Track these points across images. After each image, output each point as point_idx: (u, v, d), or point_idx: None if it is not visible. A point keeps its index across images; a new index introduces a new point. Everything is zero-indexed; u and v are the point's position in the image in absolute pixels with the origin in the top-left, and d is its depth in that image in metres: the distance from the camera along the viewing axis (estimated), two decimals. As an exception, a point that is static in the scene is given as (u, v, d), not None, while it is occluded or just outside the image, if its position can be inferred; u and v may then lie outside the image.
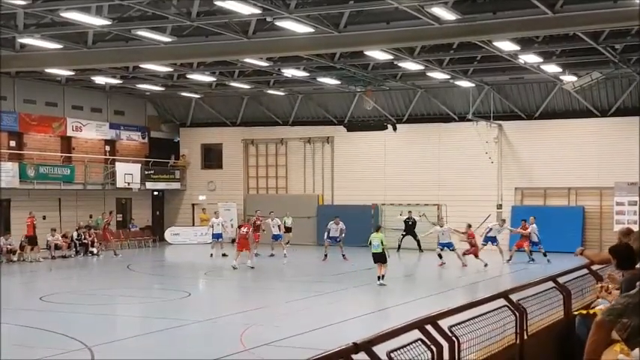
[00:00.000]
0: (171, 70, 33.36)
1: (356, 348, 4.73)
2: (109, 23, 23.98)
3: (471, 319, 6.43)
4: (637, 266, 6.74)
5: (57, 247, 34.11)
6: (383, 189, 38.02)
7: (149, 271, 28.71)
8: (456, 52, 29.03)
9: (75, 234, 35.58)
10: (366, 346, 4.85)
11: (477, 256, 28.82)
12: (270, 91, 39.21)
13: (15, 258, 31.92)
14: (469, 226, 30.25)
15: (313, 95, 39.95)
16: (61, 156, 38.01)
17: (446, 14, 21.92)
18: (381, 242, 23.48)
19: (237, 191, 42.66)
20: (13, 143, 35.98)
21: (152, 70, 33.31)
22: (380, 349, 4.92)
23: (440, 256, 29.64)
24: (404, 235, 35.31)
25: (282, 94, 39.91)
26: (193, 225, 42.59)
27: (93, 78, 36.05)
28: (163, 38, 26.05)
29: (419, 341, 5.41)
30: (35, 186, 34.97)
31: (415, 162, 37.77)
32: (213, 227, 34.46)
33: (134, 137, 42.59)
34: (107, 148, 40.96)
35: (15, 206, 35.09)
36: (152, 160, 42.26)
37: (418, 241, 35.04)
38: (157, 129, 44.06)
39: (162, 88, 39.20)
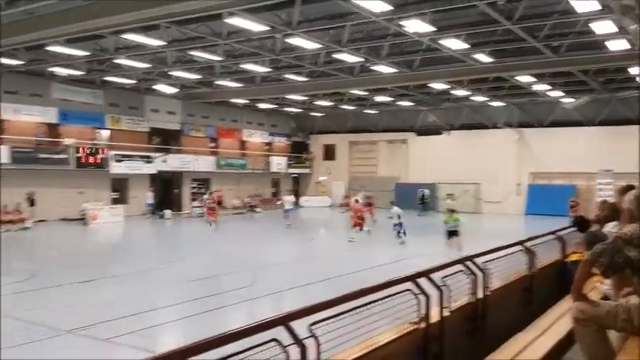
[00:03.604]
0: (305, 98, 33.91)
1: (419, 274, 4.48)
2: (270, 70, 24.69)
3: (497, 258, 6.01)
4: (607, 229, 5.90)
5: (235, 207, 35.62)
6: (439, 172, 37.52)
7: (288, 224, 28.38)
8: (490, 83, 28.46)
9: (247, 199, 37.07)
10: (427, 273, 4.60)
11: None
12: (367, 111, 39.23)
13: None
14: (356, 201, 23.22)
15: (395, 112, 39.74)
16: (240, 152, 39.00)
17: (484, 58, 21.71)
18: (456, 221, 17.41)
19: (344, 173, 42.73)
20: (212, 144, 37.02)
21: (294, 99, 33.99)
22: (436, 276, 4.69)
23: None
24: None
25: (374, 112, 39.90)
26: (317, 195, 42.93)
27: (258, 105, 37.06)
28: (301, 78, 26.70)
29: (461, 272, 5.18)
30: (224, 170, 36.06)
31: (461, 155, 36.97)
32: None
33: (282, 140, 43.01)
34: (266, 147, 41.55)
35: (213, 182, 36.17)
36: (292, 154, 42.77)
37: None
38: (296, 135, 44.34)
39: (300, 110, 39.67)
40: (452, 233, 16.91)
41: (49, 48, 20.90)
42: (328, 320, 3.43)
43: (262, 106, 37.42)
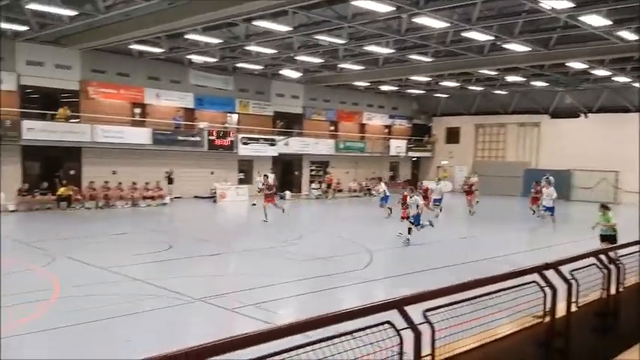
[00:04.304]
0: (429, 79, 33.14)
1: (547, 266, 4.38)
2: (393, 51, 24.52)
3: (634, 252, 5.75)
4: None
5: (352, 190, 35.89)
6: (575, 158, 34.95)
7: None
8: (635, 62, 25.81)
9: (364, 182, 37.35)
10: (555, 265, 4.49)
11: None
12: (496, 91, 37.60)
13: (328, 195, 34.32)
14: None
15: (527, 93, 37.65)
16: (359, 135, 39.21)
17: (629, 35, 19.86)
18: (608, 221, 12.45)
19: (468, 157, 41.51)
20: (332, 128, 37.70)
21: (417, 80, 33.39)
22: (565, 269, 4.61)
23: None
24: None
25: (504, 93, 38.12)
26: (437, 180, 41.83)
27: (380, 87, 36.80)
28: (426, 59, 26.18)
29: (594, 265, 5.03)
30: (342, 153, 36.60)
31: (599, 141, 34.24)
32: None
33: (403, 123, 42.68)
34: (386, 130, 41.52)
35: (331, 165, 37.07)
36: (413, 137, 42.33)
37: None
38: (417, 118, 43.73)
39: (423, 92, 39.05)
40: (606, 238, 12.12)
41: (188, 36, 22.61)
42: (444, 308, 3.41)
43: (384, 88, 37.28)
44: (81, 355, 6.83)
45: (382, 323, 3.05)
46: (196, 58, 27.77)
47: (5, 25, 21.40)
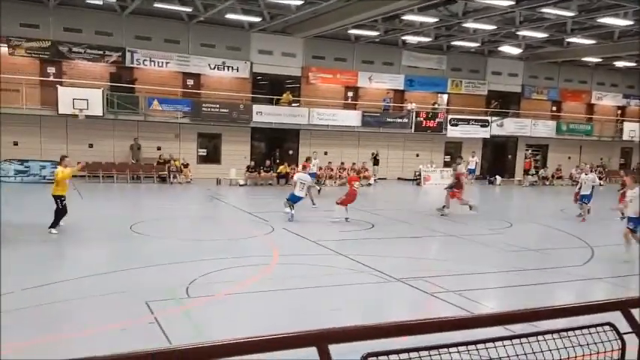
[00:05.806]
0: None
1: None
2: (632, 23, 22.01)
3: None
4: None
5: (573, 178, 32.93)
6: None
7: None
8: None
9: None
10: None
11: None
12: None
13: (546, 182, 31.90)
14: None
15: None
16: (586, 117, 35.99)
17: None
18: None
19: None
20: (554, 108, 35.30)
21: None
22: None
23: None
24: None
25: None
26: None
27: (614, 63, 33.24)
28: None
29: None
30: (564, 136, 33.95)
31: None
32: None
33: (638, 105, 37.99)
34: (618, 111, 37.35)
35: (551, 150, 34.77)
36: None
37: None
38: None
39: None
40: None
41: (404, 17, 22.98)
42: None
43: (619, 64, 33.51)
44: (295, 314, 7.53)
45: (602, 325, 2.81)
46: (410, 39, 28.06)
47: (243, 17, 24.17)
